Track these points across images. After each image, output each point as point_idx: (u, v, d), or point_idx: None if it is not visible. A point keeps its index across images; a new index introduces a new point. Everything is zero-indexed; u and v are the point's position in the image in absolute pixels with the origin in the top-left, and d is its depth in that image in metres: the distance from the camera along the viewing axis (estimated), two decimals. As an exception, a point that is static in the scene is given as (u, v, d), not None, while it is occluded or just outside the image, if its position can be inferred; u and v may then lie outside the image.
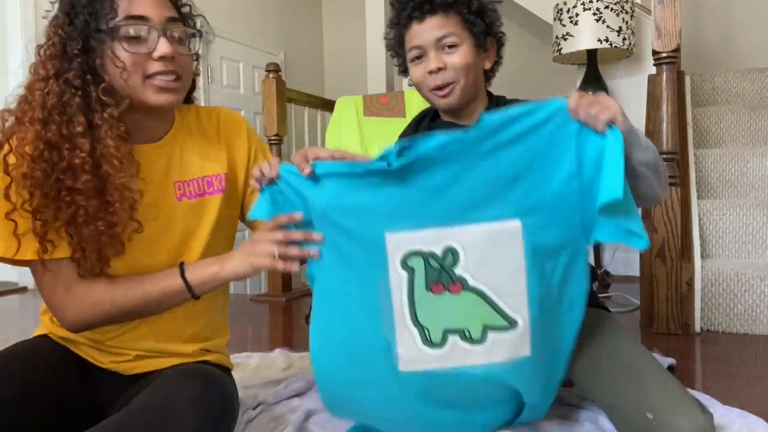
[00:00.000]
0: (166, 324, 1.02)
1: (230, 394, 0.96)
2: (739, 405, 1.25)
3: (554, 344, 0.97)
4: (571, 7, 2.88)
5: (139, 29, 0.91)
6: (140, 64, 0.91)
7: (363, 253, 0.93)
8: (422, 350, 0.93)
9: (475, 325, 0.92)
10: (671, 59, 2.04)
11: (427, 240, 0.91)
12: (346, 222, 0.93)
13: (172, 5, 0.98)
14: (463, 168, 0.89)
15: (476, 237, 0.90)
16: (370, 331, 0.95)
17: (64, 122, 0.87)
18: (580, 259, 0.94)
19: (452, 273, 0.91)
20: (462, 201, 0.90)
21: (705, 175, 2.48)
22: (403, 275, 0.92)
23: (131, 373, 1.02)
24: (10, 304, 2.96)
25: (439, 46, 1.11)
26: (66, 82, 0.88)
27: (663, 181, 1.01)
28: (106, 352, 1.02)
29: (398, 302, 0.93)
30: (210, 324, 1.09)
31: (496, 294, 0.91)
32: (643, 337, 1.98)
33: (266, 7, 4.74)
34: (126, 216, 0.91)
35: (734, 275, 2.01)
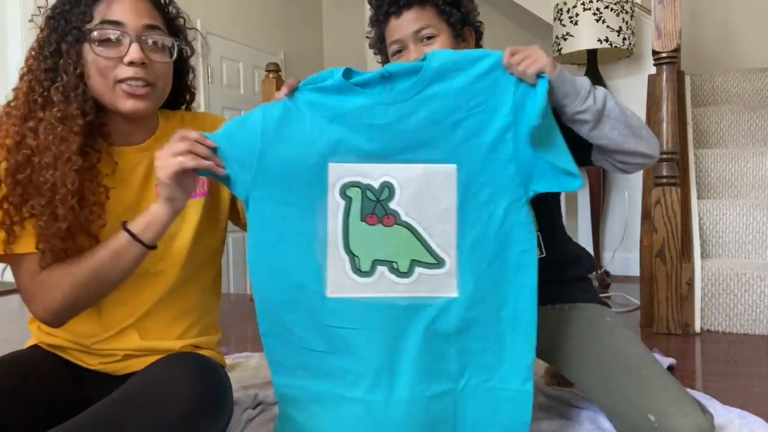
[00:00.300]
0: (152, 325, 1.03)
1: (222, 376, 0.95)
2: (739, 405, 1.25)
3: (497, 304, 0.97)
4: (571, 7, 2.88)
5: (112, 33, 0.93)
6: (110, 69, 0.93)
7: (305, 178, 0.97)
8: (351, 277, 0.98)
9: (403, 258, 0.97)
10: (671, 59, 2.04)
11: (367, 173, 0.97)
12: (292, 148, 0.96)
13: (159, 14, 1.00)
14: (407, 110, 0.95)
15: (412, 175, 0.96)
16: (303, 253, 0.98)
17: (30, 119, 0.92)
18: (520, 214, 0.97)
19: (387, 206, 0.97)
20: (404, 140, 0.96)
21: (705, 175, 2.48)
22: (340, 203, 0.97)
23: (121, 374, 1.02)
24: (10, 304, 2.96)
25: (417, 39, 1.13)
26: (36, 81, 0.92)
27: (635, 131, 1.01)
28: (94, 354, 1.02)
29: (333, 229, 0.98)
30: (197, 324, 1.09)
31: (426, 231, 0.97)
32: (643, 337, 1.98)
33: (266, 7, 4.74)
34: (66, 212, 0.90)
35: (734, 275, 2.01)
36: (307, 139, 0.96)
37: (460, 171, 0.96)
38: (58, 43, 0.93)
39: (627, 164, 1.05)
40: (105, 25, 0.93)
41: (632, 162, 1.04)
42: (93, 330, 1.01)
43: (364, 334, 0.97)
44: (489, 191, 0.96)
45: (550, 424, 1.18)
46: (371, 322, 0.97)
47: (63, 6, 0.94)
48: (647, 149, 1.02)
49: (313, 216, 0.97)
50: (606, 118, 0.98)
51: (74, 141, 0.91)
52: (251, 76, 4.54)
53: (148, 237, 0.93)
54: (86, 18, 0.93)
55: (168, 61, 1.00)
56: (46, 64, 0.93)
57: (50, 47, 0.93)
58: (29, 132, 0.91)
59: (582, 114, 0.97)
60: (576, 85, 0.96)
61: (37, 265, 0.94)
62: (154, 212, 0.93)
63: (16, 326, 2.49)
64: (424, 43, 1.13)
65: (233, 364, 1.64)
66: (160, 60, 0.98)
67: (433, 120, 0.95)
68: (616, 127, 0.98)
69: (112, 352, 1.02)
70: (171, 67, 1.02)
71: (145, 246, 0.94)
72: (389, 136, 0.96)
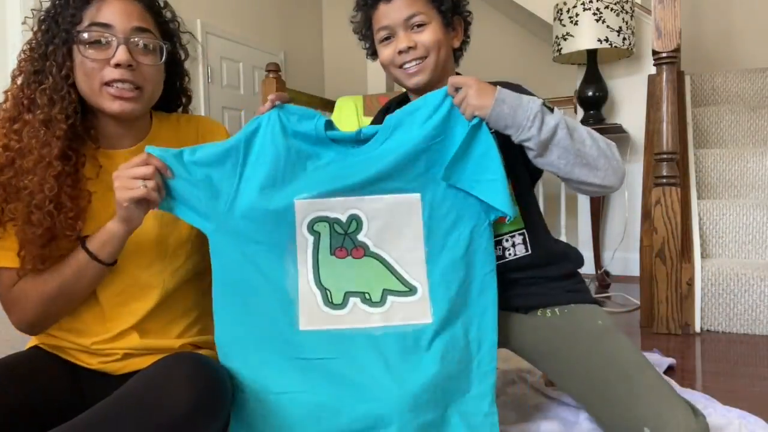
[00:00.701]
0: (152, 325, 1.03)
1: (222, 374, 0.96)
2: (739, 405, 1.25)
3: (465, 326, 0.99)
4: (571, 7, 2.88)
5: (100, 36, 0.93)
6: (97, 71, 0.93)
7: (272, 217, 0.97)
8: (323, 310, 0.98)
9: (375, 288, 0.99)
10: (671, 59, 2.04)
11: (334, 207, 0.99)
12: (262, 186, 0.97)
13: (150, 17, 0.99)
14: (373, 156, 0.99)
15: (379, 206, 0.99)
16: (273, 289, 0.98)
17: (17, 120, 0.92)
18: (483, 237, 1.00)
19: (355, 239, 0.99)
20: (368, 174, 0.98)
21: (705, 175, 2.48)
22: (309, 239, 0.99)
23: (121, 373, 1.02)
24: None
25: (407, 26, 1.11)
26: (26, 83, 0.93)
27: (589, 161, 1.00)
28: (94, 354, 1.02)
29: (303, 264, 0.99)
30: (197, 323, 1.10)
31: (396, 261, 1.00)
32: (643, 337, 1.98)
33: (266, 7, 4.74)
34: (41, 216, 0.90)
35: (734, 275, 2.01)
36: (274, 180, 0.97)
37: (423, 199, 0.99)
38: (46, 46, 0.93)
39: (581, 190, 1.06)
40: (93, 27, 0.93)
41: (585, 189, 1.04)
42: (95, 330, 1.01)
43: (342, 363, 0.96)
44: (453, 217, 1.00)
45: (549, 424, 1.18)
46: (349, 351, 0.96)
47: (54, 9, 0.94)
48: (600, 180, 1.01)
49: (282, 254, 0.98)
50: (554, 147, 0.98)
51: (56, 145, 0.91)
52: (251, 76, 4.54)
53: (106, 254, 0.94)
54: (75, 20, 0.93)
55: (157, 63, 0.99)
56: (34, 66, 0.93)
57: (39, 50, 0.93)
58: (13, 135, 0.92)
59: (526, 142, 0.98)
60: (516, 117, 0.97)
61: (13, 279, 0.95)
62: (111, 230, 0.93)
63: (16, 326, 2.49)
64: (414, 31, 1.11)
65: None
66: (149, 63, 0.97)
67: (397, 155, 0.98)
68: (564, 157, 0.98)
69: (112, 352, 1.02)
70: (161, 70, 1.02)
71: (103, 264, 0.94)
72: (353, 170, 0.98)
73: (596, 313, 1.11)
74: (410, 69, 1.13)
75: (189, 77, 1.14)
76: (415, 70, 1.12)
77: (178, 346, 1.05)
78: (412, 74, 1.13)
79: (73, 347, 1.03)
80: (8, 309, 0.97)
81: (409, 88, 1.18)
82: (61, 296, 0.94)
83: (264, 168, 0.97)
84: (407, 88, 1.19)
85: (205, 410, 0.86)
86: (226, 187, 0.97)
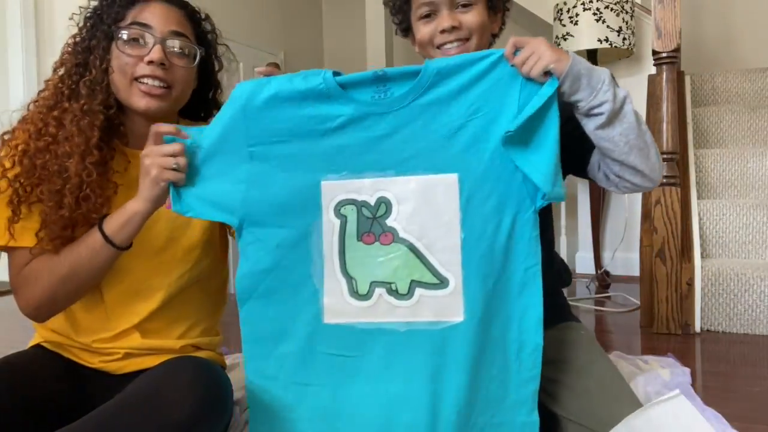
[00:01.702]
0: (154, 325, 1.04)
1: (223, 380, 0.96)
2: (739, 405, 1.25)
3: (503, 326, 0.90)
4: (571, 7, 2.88)
5: (139, 34, 0.98)
6: (130, 66, 0.97)
7: (298, 198, 0.92)
8: (348, 302, 0.92)
9: (402, 279, 0.91)
10: (671, 59, 2.04)
11: (362, 189, 0.91)
12: (284, 167, 0.92)
13: (189, 25, 1.04)
14: (403, 119, 0.90)
15: (410, 188, 0.90)
16: (299, 278, 0.93)
17: (56, 108, 0.96)
18: (527, 226, 0.90)
19: (384, 223, 0.91)
20: (400, 152, 0.90)
21: (705, 175, 2.48)
22: (335, 223, 0.92)
23: (122, 373, 1.02)
24: (11, 304, 2.96)
25: (453, 4, 1.05)
26: (67, 74, 0.98)
27: (645, 147, 0.93)
28: (95, 352, 1.03)
29: (329, 250, 0.92)
30: (197, 326, 1.10)
31: (427, 248, 0.90)
32: (643, 337, 1.98)
33: (266, 7, 4.74)
34: (72, 201, 0.93)
35: (734, 275, 2.01)
36: (297, 159, 0.91)
37: (462, 181, 0.89)
38: (90, 40, 0.99)
39: (622, 180, 0.97)
40: (134, 26, 0.98)
41: (628, 179, 0.96)
42: (97, 328, 1.01)
43: (361, 363, 0.92)
44: (494, 201, 0.89)
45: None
46: (368, 350, 0.92)
47: (101, 6, 1.00)
48: (649, 171, 0.95)
49: (307, 238, 0.92)
50: (620, 121, 0.91)
51: (95, 135, 0.95)
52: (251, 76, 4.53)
53: (122, 237, 0.93)
54: (119, 17, 0.98)
55: (189, 66, 1.02)
56: (77, 58, 0.99)
57: (83, 43, 0.99)
58: (53, 121, 0.96)
59: (597, 108, 0.89)
60: (592, 78, 0.89)
61: (26, 259, 0.96)
62: (133, 209, 0.93)
63: (15, 326, 2.49)
64: (459, 10, 1.05)
65: (233, 364, 1.64)
66: (181, 65, 1.01)
67: (431, 129, 0.90)
68: (626, 134, 0.91)
69: (113, 351, 1.02)
70: (192, 74, 1.04)
71: (118, 248, 0.94)
72: (384, 148, 0.90)
73: (580, 333, 1.10)
74: (450, 50, 1.05)
75: (221, 90, 1.16)
76: (456, 52, 1.05)
77: (179, 347, 1.05)
78: (452, 56, 1.04)
79: (74, 345, 1.03)
80: (17, 289, 0.98)
81: None
82: (72, 279, 0.94)
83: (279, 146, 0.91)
84: None
85: (206, 416, 0.86)
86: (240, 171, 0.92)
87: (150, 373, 0.91)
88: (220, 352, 1.18)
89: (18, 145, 0.95)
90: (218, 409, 0.90)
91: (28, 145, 0.95)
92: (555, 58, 0.86)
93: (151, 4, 1.00)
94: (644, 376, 1.39)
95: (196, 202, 0.93)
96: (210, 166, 0.93)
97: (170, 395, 0.85)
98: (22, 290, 0.97)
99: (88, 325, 1.02)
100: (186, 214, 0.94)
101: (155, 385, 0.87)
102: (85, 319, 1.02)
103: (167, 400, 0.84)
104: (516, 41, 0.89)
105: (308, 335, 0.93)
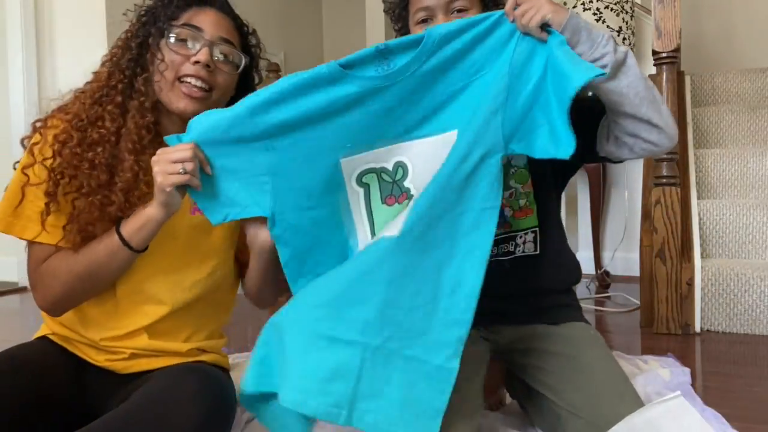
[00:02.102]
0: (163, 326, 1.04)
1: (228, 390, 0.97)
2: (739, 405, 1.25)
3: (440, 259, 0.88)
4: (571, 7, 2.88)
5: (188, 35, 1.01)
6: (177, 64, 0.99)
7: (321, 179, 0.95)
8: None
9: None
10: (671, 59, 2.04)
11: (379, 158, 0.96)
12: (302, 153, 0.94)
13: (237, 35, 1.07)
14: (408, 88, 0.93)
15: (421, 150, 0.95)
16: (338, 247, 0.97)
17: (105, 102, 0.99)
18: (492, 166, 0.90)
19: (402, 185, 0.97)
20: (408, 120, 0.95)
21: (705, 175, 2.48)
22: (359, 191, 0.97)
23: (126, 372, 1.03)
24: (10, 304, 2.96)
25: (448, 10, 1.07)
26: (117, 68, 1.00)
27: (654, 98, 0.92)
28: (102, 350, 1.03)
29: (358, 217, 0.98)
30: (205, 329, 1.10)
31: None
32: (642, 337, 1.98)
33: (266, 7, 4.73)
34: (122, 197, 0.95)
35: (734, 275, 2.01)
36: (313, 143, 0.94)
37: (460, 134, 0.93)
38: (145, 38, 1.01)
39: (638, 138, 0.94)
40: (185, 27, 1.01)
41: (644, 136, 0.94)
42: (107, 324, 1.02)
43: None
44: (469, 141, 0.91)
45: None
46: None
47: (156, 7, 1.03)
48: (664, 125, 0.92)
49: (337, 212, 0.97)
50: (624, 73, 0.90)
51: (150, 132, 0.98)
52: (251, 76, 4.54)
53: (138, 240, 0.94)
54: (173, 17, 1.01)
55: (232, 73, 1.04)
56: (130, 54, 1.01)
57: (137, 40, 1.01)
58: (107, 114, 0.98)
59: (599, 61, 0.89)
60: (592, 32, 0.90)
61: (46, 255, 0.97)
62: (149, 215, 0.94)
63: (16, 326, 2.49)
64: (454, 15, 1.06)
65: (233, 364, 1.64)
66: (225, 70, 1.03)
67: (436, 92, 0.94)
68: (634, 86, 0.90)
69: (119, 350, 1.02)
70: (233, 81, 1.06)
71: (135, 251, 0.95)
72: (394, 118, 0.94)
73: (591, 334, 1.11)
74: None
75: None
76: None
77: (185, 350, 1.05)
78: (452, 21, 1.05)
79: (81, 340, 1.03)
80: (35, 284, 0.99)
81: None
82: (89, 277, 0.95)
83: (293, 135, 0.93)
84: None
85: (210, 428, 0.87)
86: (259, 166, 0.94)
87: (156, 384, 0.91)
88: (224, 353, 1.18)
89: (57, 134, 0.96)
90: (223, 421, 0.91)
91: (69, 135, 0.95)
92: (553, 9, 0.88)
93: (205, 9, 1.03)
94: (644, 376, 1.40)
95: (226, 206, 0.95)
96: (228, 166, 0.94)
97: (176, 406, 0.85)
98: (39, 286, 0.98)
99: (98, 320, 1.02)
100: (219, 221, 0.95)
101: (161, 396, 0.87)
102: (95, 313, 1.02)
103: (172, 411, 0.84)
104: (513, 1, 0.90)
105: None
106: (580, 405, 0.97)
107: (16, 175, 0.96)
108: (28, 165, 0.95)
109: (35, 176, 0.95)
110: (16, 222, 0.95)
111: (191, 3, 1.03)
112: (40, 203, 0.94)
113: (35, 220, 0.95)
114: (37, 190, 0.95)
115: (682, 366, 1.54)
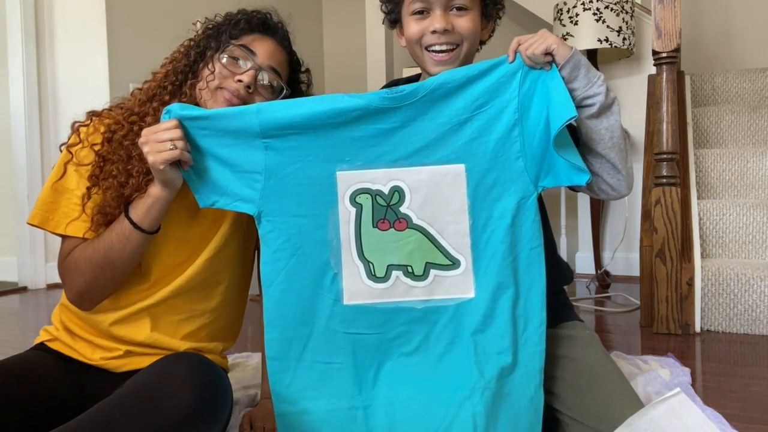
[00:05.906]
0: (165, 315, 1.05)
1: (221, 374, 0.97)
2: (739, 405, 1.25)
3: (511, 301, 0.96)
4: (571, 7, 2.88)
5: (241, 55, 1.06)
6: (222, 77, 1.04)
7: (314, 189, 0.97)
8: (367, 284, 0.98)
9: (417, 261, 0.98)
10: (671, 59, 2.04)
11: (376, 179, 0.98)
12: (299, 158, 0.97)
13: (288, 68, 1.12)
14: (413, 113, 0.96)
15: (421, 177, 0.97)
16: (318, 263, 0.98)
17: (154, 100, 1.04)
18: (530, 210, 0.97)
19: (398, 211, 0.98)
20: (410, 144, 0.97)
21: (705, 175, 2.48)
22: (351, 211, 0.98)
23: (122, 371, 1.03)
24: (10, 304, 2.96)
25: (448, 6, 1.04)
26: (173, 71, 1.07)
27: (623, 151, 0.98)
28: (98, 347, 1.04)
29: (346, 236, 0.98)
30: (207, 328, 1.11)
31: (439, 233, 0.98)
32: (643, 337, 1.98)
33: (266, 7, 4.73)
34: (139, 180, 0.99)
35: (734, 275, 2.01)
36: (312, 150, 0.97)
37: (468, 171, 0.97)
38: (204, 49, 1.08)
39: (599, 178, 1.01)
40: (242, 48, 1.06)
41: (606, 179, 1.01)
42: (132, 281, 1.04)
43: (381, 339, 0.98)
44: (499, 189, 0.97)
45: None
46: (388, 327, 0.98)
47: (223, 24, 1.09)
48: (625, 173, 1.00)
49: (325, 226, 0.98)
50: (607, 116, 0.96)
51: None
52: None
53: (150, 220, 0.97)
54: (233, 35, 1.07)
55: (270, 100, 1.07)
56: (187, 60, 1.07)
57: (197, 49, 1.08)
58: (152, 111, 1.03)
59: (589, 99, 0.94)
60: (590, 71, 0.94)
61: (72, 247, 1.01)
62: (154, 195, 0.97)
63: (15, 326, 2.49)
64: (453, 13, 1.04)
65: (233, 364, 1.64)
66: (265, 95, 1.07)
67: (440, 122, 0.96)
68: (610, 131, 0.96)
69: (115, 346, 1.03)
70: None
71: (147, 233, 0.98)
72: (395, 140, 0.97)
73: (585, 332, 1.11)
74: (439, 55, 1.05)
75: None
76: (445, 58, 1.05)
77: (182, 350, 1.06)
78: (438, 61, 1.06)
79: (83, 332, 1.04)
80: (63, 278, 1.03)
81: (429, 74, 1.07)
82: (108, 264, 0.98)
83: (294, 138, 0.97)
84: (428, 73, 1.09)
85: (204, 413, 0.87)
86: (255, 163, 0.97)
87: (150, 369, 0.92)
88: (224, 356, 1.18)
89: (110, 124, 1.02)
90: (217, 408, 0.90)
91: (120, 126, 1.02)
92: (558, 41, 0.91)
93: (265, 38, 1.09)
94: (644, 376, 1.40)
95: (216, 193, 0.99)
96: (223, 155, 0.98)
97: (169, 392, 0.85)
98: (66, 279, 1.01)
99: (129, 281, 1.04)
100: (207, 206, 0.99)
101: (154, 382, 0.88)
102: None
103: (166, 397, 0.84)
104: (520, 38, 0.94)
105: (329, 316, 0.98)
106: (580, 409, 0.97)
107: (63, 154, 1.02)
108: (73, 144, 1.01)
109: (80, 157, 1.00)
110: (51, 217, 1.00)
111: (255, 29, 1.09)
112: (75, 199, 0.99)
113: (69, 216, 0.99)
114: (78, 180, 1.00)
115: (682, 366, 1.55)
